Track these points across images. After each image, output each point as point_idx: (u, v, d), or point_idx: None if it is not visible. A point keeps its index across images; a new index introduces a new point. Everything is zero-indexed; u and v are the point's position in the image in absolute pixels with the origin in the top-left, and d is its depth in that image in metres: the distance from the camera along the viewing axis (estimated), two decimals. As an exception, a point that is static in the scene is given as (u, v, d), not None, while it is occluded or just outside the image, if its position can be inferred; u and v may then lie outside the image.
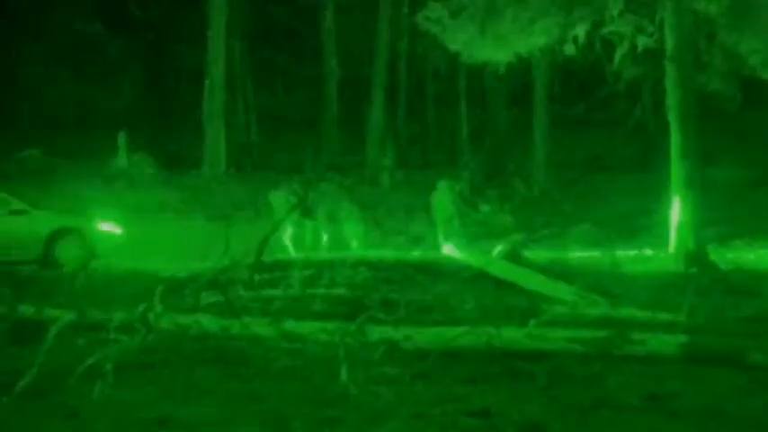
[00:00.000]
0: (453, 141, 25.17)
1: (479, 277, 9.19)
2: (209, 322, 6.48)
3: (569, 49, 12.82)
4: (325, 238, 13.01)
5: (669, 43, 11.79)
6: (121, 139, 20.05)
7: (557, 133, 23.07)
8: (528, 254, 11.29)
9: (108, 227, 12.47)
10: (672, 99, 11.83)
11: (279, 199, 13.15)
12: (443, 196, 13.92)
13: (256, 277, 8.23)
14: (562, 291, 8.55)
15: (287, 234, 12.86)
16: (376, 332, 5.95)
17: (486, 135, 24.31)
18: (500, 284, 9.40)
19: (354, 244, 13.26)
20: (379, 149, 22.73)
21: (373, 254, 11.78)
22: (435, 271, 10.08)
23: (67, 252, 11.87)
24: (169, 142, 22.21)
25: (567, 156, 23.39)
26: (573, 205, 19.51)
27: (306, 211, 12.51)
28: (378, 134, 23.15)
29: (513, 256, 10.49)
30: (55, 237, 11.93)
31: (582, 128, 25.22)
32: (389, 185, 21.44)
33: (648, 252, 12.84)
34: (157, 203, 17.57)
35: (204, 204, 17.73)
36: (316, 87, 25.35)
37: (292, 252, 12.52)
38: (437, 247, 13.24)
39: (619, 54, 12.92)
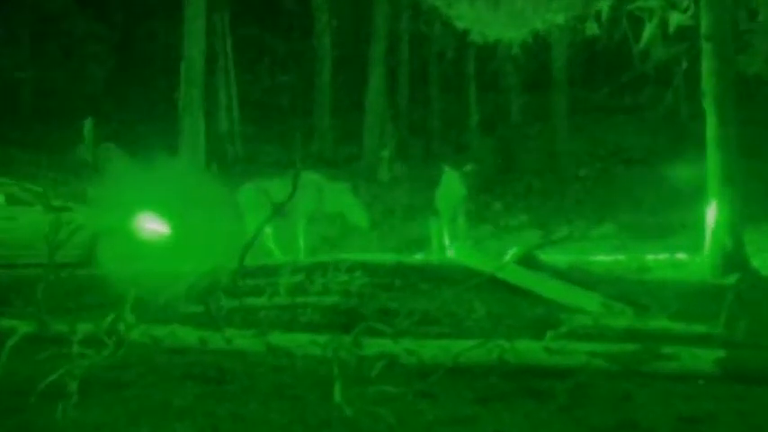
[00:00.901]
0: (461, 131, 25.18)
1: (490, 284, 9.19)
2: (186, 334, 6.50)
3: (591, 27, 12.84)
4: (301, 243, 12.96)
5: (705, 20, 11.79)
6: (87, 127, 20.04)
7: (577, 122, 23.10)
8: (545, 257, 11.30)
9: (154, 226, 12.43)
10: (708, 83, 11.83)
11: (247, 196, 13.11)
12: (450, 189, 13.78)
13: (240, 284, 8.23)
14: (584, 299, 8.58)
15: (270, 236, 12.85)
16: (374, 345, 5.95)
17: (497, 124, 24.33)
18: (514, 292, 9.41)
19: (364, 224, 13.28)
20: (378, 140, 22.75)
21: (371, 257, 11.78)
22: (440, 276, 10.10)
23: (110, 253, 11.66)
24: (141, 131, 22.18)
25: (589, 147, 23.41)
26: (595, 202, 19.53)
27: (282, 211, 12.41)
28: (376, 122, 23.18)
29: (529, 260, 10.49)
30: (99, 236, 11.72)
31: (605, 115, 25.24)
32: (388, 180, 21.47)
33: (681, 256, 12.87)
34: (126, 200, 17.55)
35: (181, 201, 17.70)
36: (307, 69, 25.35)
37: (278, 256, 12.53)
38: (442, 249, 13.25)
39: (648, 32, 12.93)
